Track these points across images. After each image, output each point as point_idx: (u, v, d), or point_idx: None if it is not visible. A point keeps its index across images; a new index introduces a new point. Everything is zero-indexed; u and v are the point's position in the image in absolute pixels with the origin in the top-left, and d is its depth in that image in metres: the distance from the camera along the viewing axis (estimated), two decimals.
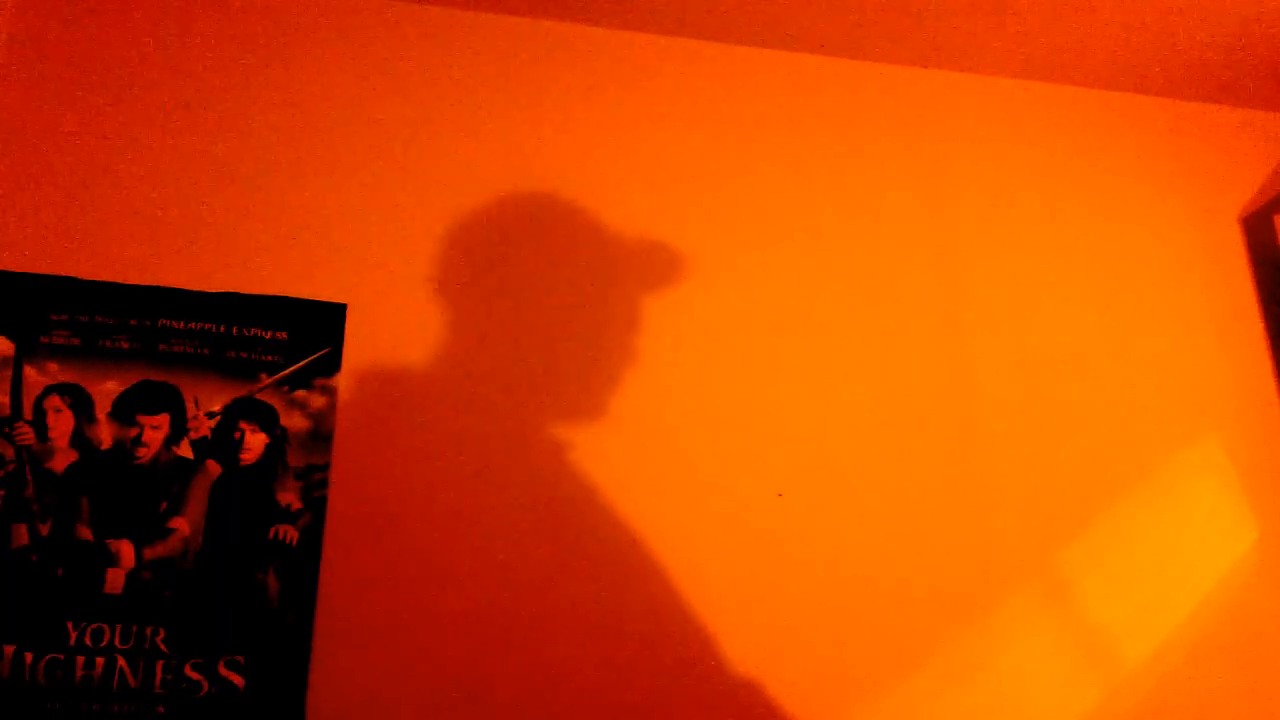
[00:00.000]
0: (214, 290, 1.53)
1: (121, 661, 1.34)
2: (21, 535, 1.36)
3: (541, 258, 1.67)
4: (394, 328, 1.57)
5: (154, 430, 1.44)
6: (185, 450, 1.44)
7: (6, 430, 1.40)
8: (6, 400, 1.41)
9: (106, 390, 1.45)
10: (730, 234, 1.75)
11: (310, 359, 1.52)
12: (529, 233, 1.68)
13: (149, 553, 1.39)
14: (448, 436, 1.53)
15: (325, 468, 1.47)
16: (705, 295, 1.70)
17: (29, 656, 1.32)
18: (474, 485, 1.52)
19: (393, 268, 1.61)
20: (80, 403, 1.43)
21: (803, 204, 1.80)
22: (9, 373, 1.43)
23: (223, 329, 1.51)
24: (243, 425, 1.47)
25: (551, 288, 1.65)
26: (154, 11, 1.67)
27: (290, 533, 1.43)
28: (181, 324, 1.50)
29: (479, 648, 1.44)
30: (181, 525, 1.41)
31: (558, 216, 1.70)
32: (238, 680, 1.36)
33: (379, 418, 1.52)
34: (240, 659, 1.37)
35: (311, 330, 1.54)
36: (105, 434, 1.43)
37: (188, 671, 1.35)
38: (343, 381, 1.52)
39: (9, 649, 1.32)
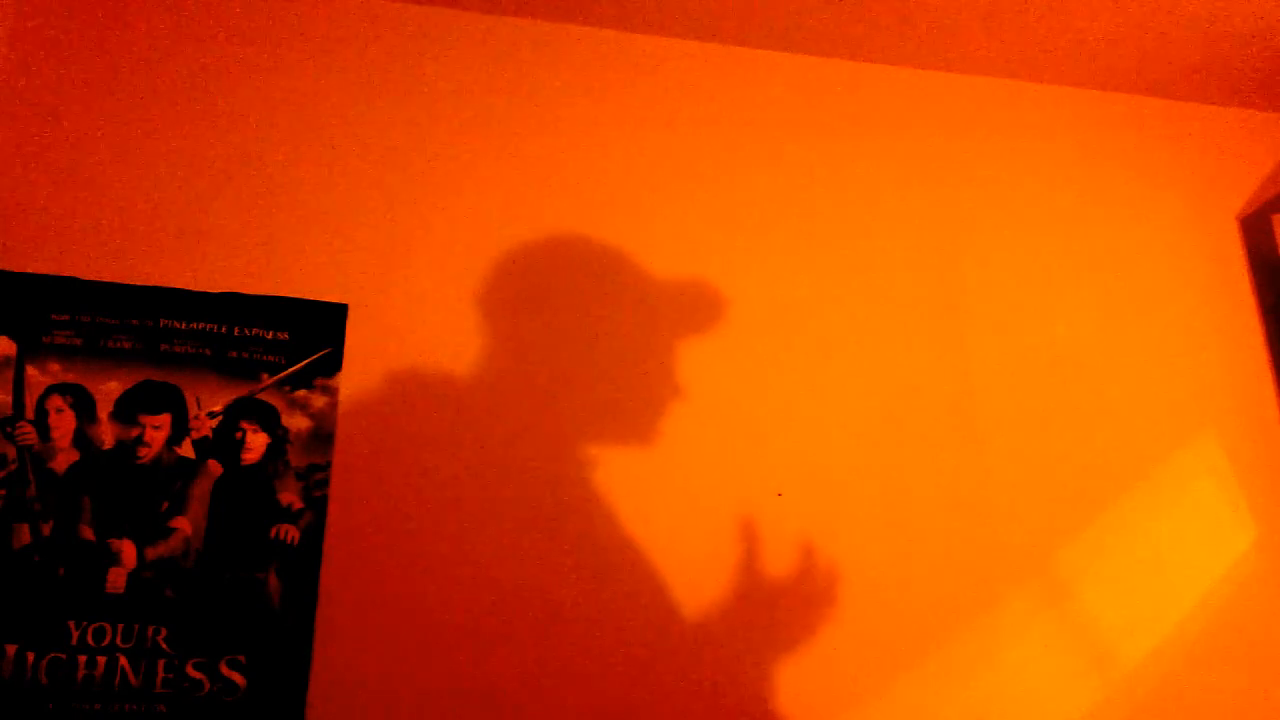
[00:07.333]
0: (215, 290, 1.54)
1: (123, 661, 1.34)
2: (23, 535, 1.36)
3: (539, 257, 1.67)
4: (394, 328, 1.58)
5: (156, 430, 1.44)
6: (187, 450, 1.45)
7: (9, 430, 1.40)
8: (9, 400, 1.42)
9: (108, 390, 1.45)
10: (729, 235, 1.75)
11: (311, 359, 1.52)
12: (527, 233, 1.68)
13: (151, 552, 1.39)
14: (448, 436, 1.54)
15: (326, 467, 1.48)
16: (704, 295, 1.70)
17: (31, 656, 1.33)
18: (474, 484, 1.52)
19: (393, 268, 1.61)
20: (82, 402, 1.43)
21: (802, 204, 1.80)
22: (11, 372, 1.43)
23: (224, 329, 1.51)
24: (244, 425, 1.47)
25: (549, 287, 1.66)
26: (154, 12, 1.68)
27: (291, 532, 1.43)
28: (183, 324, 1.50)
29: (479, 648, 1.45)
30: (183, 525, 1.41)
31: (556, 216, 1.70)
32: (239, 679, 1.36)
33: (380, 417, 1.52)
34: (241, 658, 1.37)
35: (312, 330, 1.54)
36: (107, 434, 1.43)
37: (189, 671, 1.36)
38: (344, 381, 1.53)
39: (11, 649, 1.32)
